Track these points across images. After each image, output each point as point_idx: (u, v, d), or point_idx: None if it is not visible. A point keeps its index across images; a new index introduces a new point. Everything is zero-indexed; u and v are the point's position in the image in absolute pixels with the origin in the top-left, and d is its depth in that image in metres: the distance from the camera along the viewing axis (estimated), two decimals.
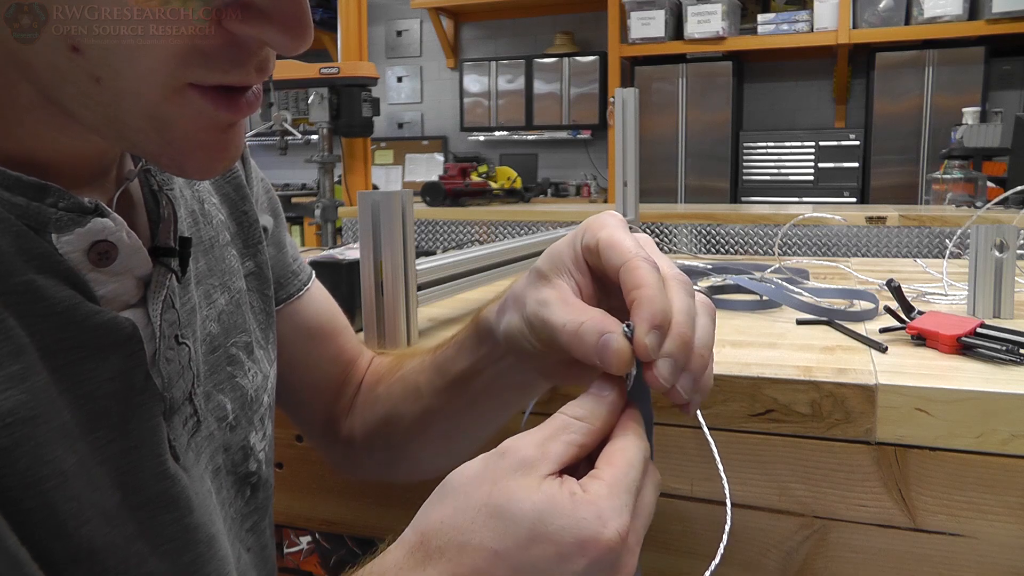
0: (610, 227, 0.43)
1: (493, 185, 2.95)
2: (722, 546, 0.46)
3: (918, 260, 1.32)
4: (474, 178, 2.92)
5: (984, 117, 3.17)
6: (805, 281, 1.00)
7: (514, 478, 0.36)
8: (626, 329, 0.38)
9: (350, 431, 0.65)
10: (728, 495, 0.50)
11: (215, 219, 0.53)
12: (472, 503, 0.36)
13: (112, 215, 0.39)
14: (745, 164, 4.28)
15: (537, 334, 0.44)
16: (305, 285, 0.64)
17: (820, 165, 4.13)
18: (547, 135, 4.94)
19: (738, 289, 0.89)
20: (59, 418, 0.36)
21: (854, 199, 4.07)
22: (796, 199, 4.00)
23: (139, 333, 0.40)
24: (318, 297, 0.65)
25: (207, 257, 0.51)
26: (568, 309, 0.42)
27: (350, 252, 0.82)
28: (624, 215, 1.46)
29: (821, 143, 4.13)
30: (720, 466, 0.53)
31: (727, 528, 0.48)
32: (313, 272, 0.66)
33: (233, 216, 0.55)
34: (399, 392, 0.61)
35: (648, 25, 4.27)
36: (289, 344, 0.62)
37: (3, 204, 0.35)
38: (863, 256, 2.13)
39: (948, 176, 2.63)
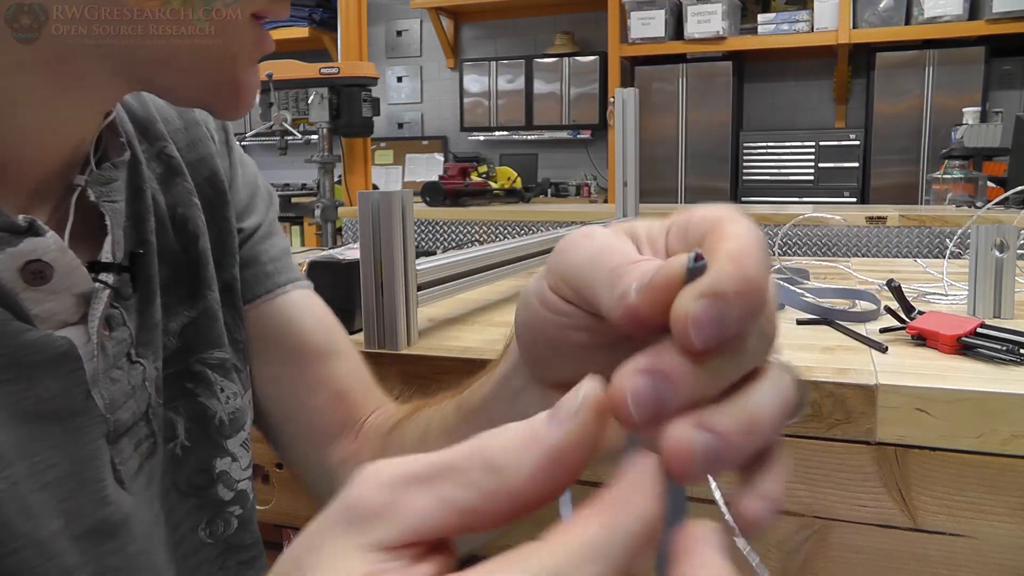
0: (722, 215, 0.26)
1: (493, 185, 2.95)
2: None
3: (918, 260, 1.32)
4: (474, 178, 2.92)
5: (984, 117, 3.17)
6: (805, 281, 1.00)
7: (332, 538, 0.21)
8: (692, 260, 0.23)
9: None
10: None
11: (194, 223, 0.50)
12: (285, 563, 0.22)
13: (48, 234, 0.38)
14: (745, 164, 4.28)
15: (558, 279, 0.30)
16: (279, 287, 0.56)
17: (820, 165, 4.13)
18: (547, 135, 4.94)
19: None
20: None
21: (854, 199, 4.06)
22: (796, 199, 3.99)
23: (76, 351, 0.39)
24: (300, 309, 0.57)
25: (174, 266, 0.48)
26: (624, 248, 0.27)
27: (350, 252, 0.82)
28: (624, 215, 1.46)
29: (821, 143, 4.13)
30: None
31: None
32: (304, 281, 0.58)
33: (213, 221, 0.52)
34: (407, 435, 0.50)
35: (648, 25, 4.27)
36: (253, 357, 0.55)
37: None
38: (863, 256, 2.13)
39: (948, 176, 2.62)
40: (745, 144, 4.28)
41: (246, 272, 0.55)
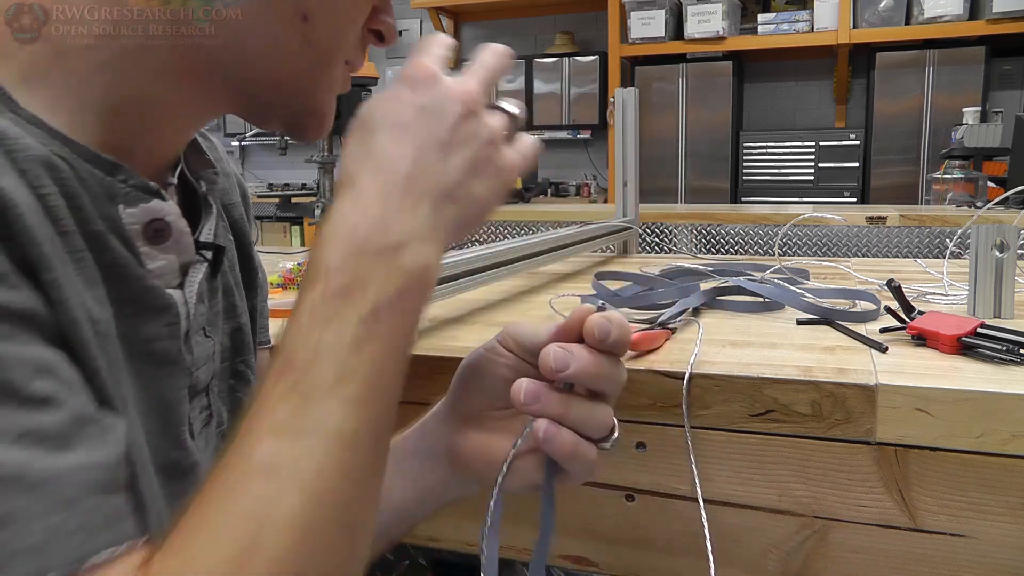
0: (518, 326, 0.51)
1: None
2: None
3: (918, 260, 1.32)
4: None
5: (984, 117, 3.17)
6: (805, 281, 1.00)
7: None
8: (599, 305, 0.47)
9: None
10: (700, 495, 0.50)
11: (232, 253, 0.56)
12: None
13: (170, 201, 0.44)
14: (745, 164, 4.28)
15: (507, 336, 0.50)
16: (266, 343, 0.63)
17: (820, 165, 4.13)
18: (547, 135, 4.94)
19: (739, 290, 0.89)
20: (119, 354, 0.39)
21: (854, 199, 4.06)
22: (796, 199, 4.00)
23: (177, 308, 0.44)
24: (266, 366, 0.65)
25: (225, 279, 0.54)
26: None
27: None
28: (624, 215, 1.46)
29: (821, 143, 4.13)
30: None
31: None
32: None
33: (240, 258, 0.58)
34: None
35: (648, 25, 4.27)
36: None
37: (84, 172, 0.39)
38: (863, 256, 2.13)
39: (948, 176, 2.63)
40: (745, 144, 4.28)
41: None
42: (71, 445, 0.30)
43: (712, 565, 0.56)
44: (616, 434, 0.47)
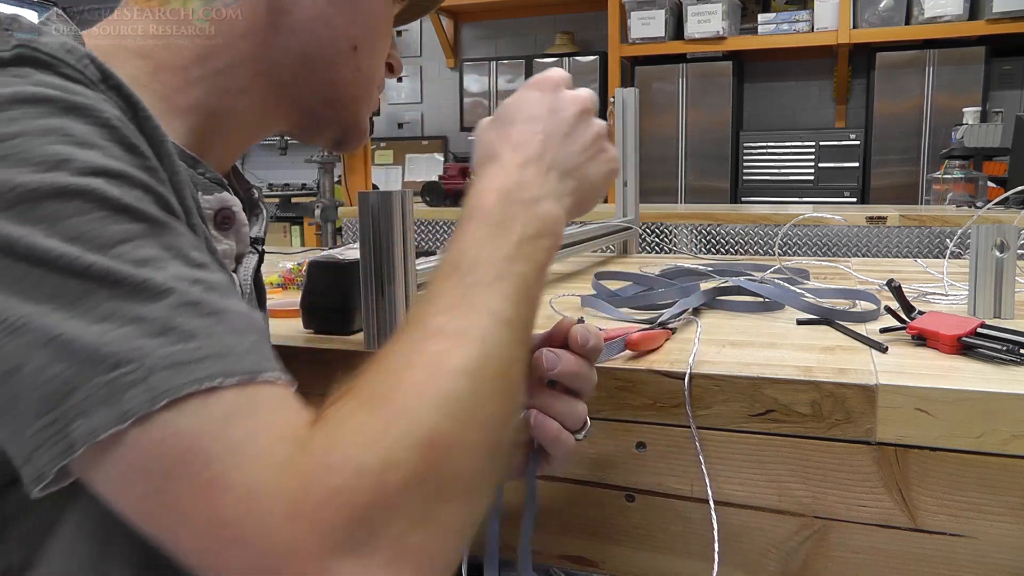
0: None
1: None
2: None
3: (918, 260, 1.32)
4: None
5: (984, 117, 3.17)
6: (806, 281, 1.00)
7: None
8: (579, 319, 0.55)
9: None
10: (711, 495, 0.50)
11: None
12: None
13: (233, 196, 0.51)
14: (745, 164, 4.28)
15: None
16: None
17: (820, 165, 4.13)
18: None
19: (739, 290, 0.89)
20: None
21: (854, 199, 4.06)
22: (796, 199, 3.99)
23: (236, 287, 0.50)
24: None
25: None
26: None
27: (350, 252, 0.82)
28: (624, 215, 1.46)
29: (821, 143, 4.13)
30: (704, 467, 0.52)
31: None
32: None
33: (254, 280, 0.62)
34: None
35: (648, 25, 4.27)
36: None
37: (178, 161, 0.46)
38: (863, 256, 2.13)
39: (949, 176, 2.63)
40: (745, 144, 4.27)
41: None
42: (230, 297, 0.36)
43: (716, 565, 0.56)
44: (588, 427, 0.55)
